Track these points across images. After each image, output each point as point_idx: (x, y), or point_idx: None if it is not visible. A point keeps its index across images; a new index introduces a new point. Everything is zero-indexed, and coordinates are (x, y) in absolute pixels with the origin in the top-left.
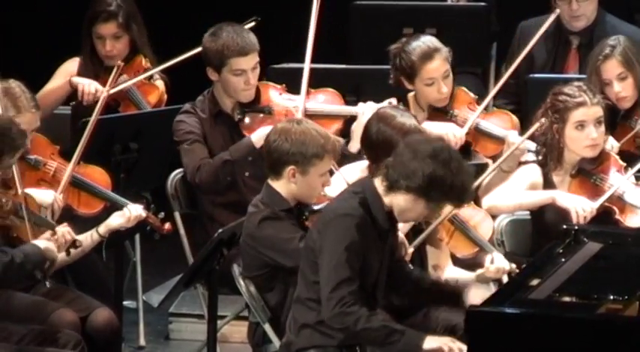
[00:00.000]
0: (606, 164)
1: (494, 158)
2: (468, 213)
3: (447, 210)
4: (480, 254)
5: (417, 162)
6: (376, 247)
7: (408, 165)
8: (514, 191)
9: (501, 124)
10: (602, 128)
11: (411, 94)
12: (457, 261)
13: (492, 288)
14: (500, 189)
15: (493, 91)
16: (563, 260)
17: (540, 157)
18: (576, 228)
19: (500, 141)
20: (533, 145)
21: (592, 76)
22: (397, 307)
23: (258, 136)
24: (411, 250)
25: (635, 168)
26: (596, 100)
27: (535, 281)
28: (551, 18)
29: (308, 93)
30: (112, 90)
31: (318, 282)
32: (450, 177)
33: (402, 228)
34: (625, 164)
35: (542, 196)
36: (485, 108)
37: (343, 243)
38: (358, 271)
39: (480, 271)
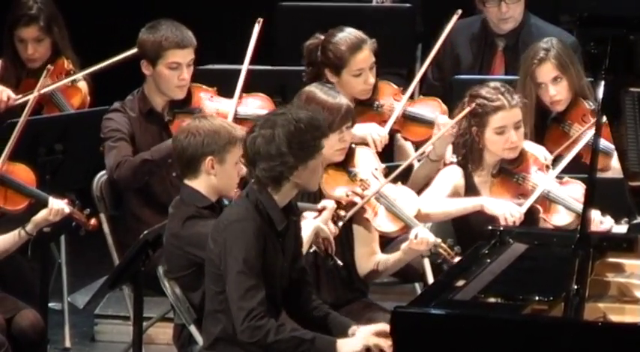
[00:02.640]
0: (526, 163)
1: (422, 143)
2: (392, 190)
3: (374, 187)
4: (406, 231)
5: (272, 147)
6: (275, 248)
7: (269, 155)
8: (441, 199)
9: (430, 110)
10: (522, 129)
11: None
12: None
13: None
14: (426, 196)
15: (416, 79)
16: (488, 261)
17: (460, 158)
18: (501, 229)
19: (429, 125)
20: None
21: (526, 79)
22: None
23: None
24: (336, 230)
25: (559, 168)
26: (514, 102)
27: (461, 282)
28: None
29: (240, 97)
30: (42, 92)
31: (221, 292)
32: (295, 125)
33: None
34: (545, 163)
35: (471, 203)
36: (412, 97)
37: (242, 249)
38: (261, 275)
39: (404, 245)
